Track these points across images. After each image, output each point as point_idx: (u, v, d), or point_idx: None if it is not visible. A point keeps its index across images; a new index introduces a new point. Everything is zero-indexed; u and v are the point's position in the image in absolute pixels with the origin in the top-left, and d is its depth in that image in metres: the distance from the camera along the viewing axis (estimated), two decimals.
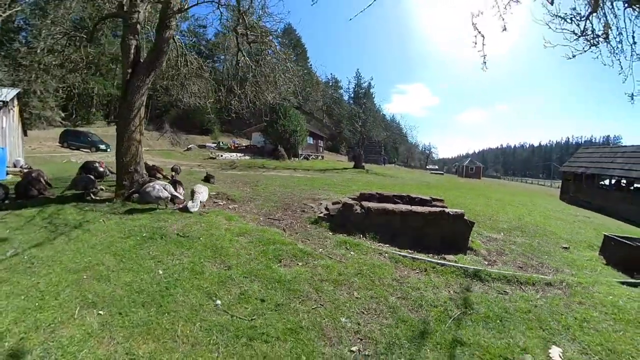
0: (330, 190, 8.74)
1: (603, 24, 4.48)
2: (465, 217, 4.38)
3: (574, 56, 4.49)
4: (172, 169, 9.68)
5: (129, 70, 5.60)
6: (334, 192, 8.38)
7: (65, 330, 1.85)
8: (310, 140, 34.46)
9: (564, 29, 4.40)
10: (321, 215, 4.84)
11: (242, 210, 5.49)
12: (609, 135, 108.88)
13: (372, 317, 2.08)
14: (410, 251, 3.76)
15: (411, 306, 2.28)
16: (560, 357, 1.74)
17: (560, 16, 4.60)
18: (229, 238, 3.64)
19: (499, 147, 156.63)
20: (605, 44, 4.45)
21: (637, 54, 4.30)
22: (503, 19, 5.06)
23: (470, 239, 4.47)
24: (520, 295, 2.73)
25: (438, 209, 4.54)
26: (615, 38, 4.52)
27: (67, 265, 2.70)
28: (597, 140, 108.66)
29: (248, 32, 7.16)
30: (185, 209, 4.85)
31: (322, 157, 36.54)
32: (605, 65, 4.72)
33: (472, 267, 3.34)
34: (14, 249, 3.02)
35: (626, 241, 4.24)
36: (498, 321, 2.17)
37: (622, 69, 4.46)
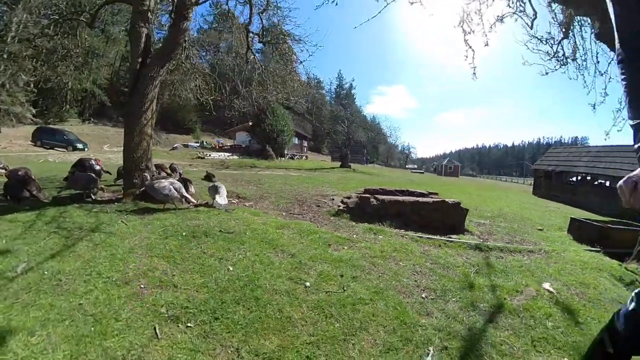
0: (332, 187, 9.44)
1: (572, 45, 5.62)
2: (461, 205, 5.33)
3: (546, 73, 5.61)
4: (171, 169, 9.72)
5: (139, 60, 5.38)
6: (337, 189, 9.11)
7: (157, 354, 1.61)
8: (295, 140, 35.08)
9: (539, 49, 5.49)
10: (340, 208, 5.54)
11: (260, 207, 5.67)
12: (577, 136, 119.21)
13: (421, 276, 2.82)
14: (422, 234, 4.61)
15: (442, 268, 3.07)
16: (549, 286, 2.65)
17: (537, 37, 5.69)
18: (272, 231, 3.74)
19: (475, 147, 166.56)
20: (572, 62, 5.59)
21: (599, 71, 5.45)
22: (486, 36, 6.11)
23: (465, 223, 5.43)
24: (512, 258, 3.65)
25: (440, 199, 5.46)
26: (581, 57, 5.68)
27: (110, 277, 2.34)
28: (566, 141, 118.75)
29: (263, 32, 7.35)
30: (211, 205, 4.89)
31: (306, 157, 37.32)
32: (571, 79, 5.90)
33: (472, 242, 4.25)
34: (24, 262, 2.48)
35: (587, 222, 5.38)
36: (503, 273, 3.05)
37: (585, 83, 5.62)
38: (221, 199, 4.99)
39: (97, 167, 6.78)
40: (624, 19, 1.11)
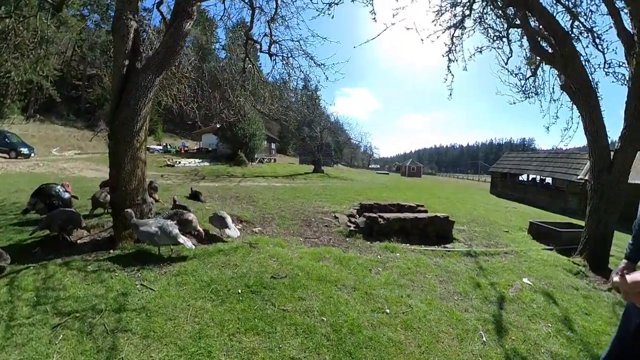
0: (324, 200, 10.20)
1: (534, 80, 7.30)
2: (449, 218, 6.67)
3: (514, 103, 7.28)
4: (151, 187, 7.81)
5: (126, 62, 4.54)
6: (329, 202, 9.80)
7: None
8: (264, 143, 35.41)
9: (510, 82, 7.11)
10: (352, 228, 6.33)
11: (271, 232, 5.86)
12: (524, 138, 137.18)
13: (446, 284, 3.84)
14: (425, 246, 5.65)
15: (454, 274, 4.18)
16: (527, 280, 3.98)
17: (507, 69, 7.26)
18: (317, 266, 3.95)
19: (434, 147, 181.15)
20: (535, 96, 7.28)
21: (554, 99, 7.18)
22: (465, 62, 7.55)
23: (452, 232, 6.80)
24: (495, 260, 5.00)
25: (433, 214, 6.73)
26: (539, 85, 7.38)
27: None
28: (516, 142, 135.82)
29: (272, 42, 7.27)
30: (218, 237, 4.89)
31: (275, 159, 37.85)
32: (530, 104, 7.63)
33: (463, 249, 5.57)
34: None
35: (543, 225, 7.07)
36: (494, 273, 4.33)
37: (542, 108, 7.36)
38: (232, 231, 4.89)
39: (67, 195, 5.53)
40: None
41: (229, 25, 8.72)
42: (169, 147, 30.77)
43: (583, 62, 5.68)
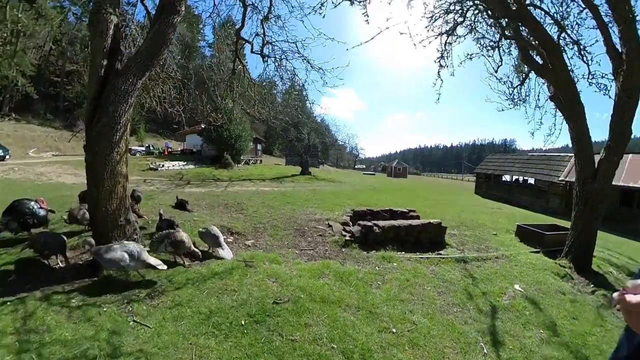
0: (314, 206, 10.09)
1: (521, 89, 7.62)
2: (441, 224, 6.87)
3: (502, 110, 7.57)
4: (133, 197, 6.92)
5: (104, 63, 4.10)
6: (321, 208, 9.73)
7: None
8: (250, 144, 35.09)
9: (499, 90, 7.40)
10: (347, 238, 6.31)
11: (264, 246, 5.66)
12: (506, 139, 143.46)
13: (445, 296, 3.95)
14: (419, 253, 5.73)
15: (450, 284, 4.33)
16: (519, 287, 4.19)
17: (497, 77, 7.54)
18: (319, 285, 3.85)
19: (418, 147, 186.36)
20: (522, 103, 7.60)
21: (538, 106, 7.52)
22: (454, 67, 7.78)
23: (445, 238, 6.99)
24: (487, 266, 5.22)
25: (426, 221, 6.88)
26: (525, 92, 7.71)
27: None
28: (497, 142, 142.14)
29: (265, 43, 7.05)
30: (210, 253, 4.71)
31: (261, 160, 37.63)
32: (516, 109, 7.95)
33: (457, 256, 5.75)
34: None
35: (530, 228, 7.39)
36: (488, 280, 4.53)
37: (527, 114, 7.69)
38: (225, 252, 4.66)
39: (42, 212, 5.03)
40: None
41: (217, 23, 8.24)
42: (151, 148, 29.91)
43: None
